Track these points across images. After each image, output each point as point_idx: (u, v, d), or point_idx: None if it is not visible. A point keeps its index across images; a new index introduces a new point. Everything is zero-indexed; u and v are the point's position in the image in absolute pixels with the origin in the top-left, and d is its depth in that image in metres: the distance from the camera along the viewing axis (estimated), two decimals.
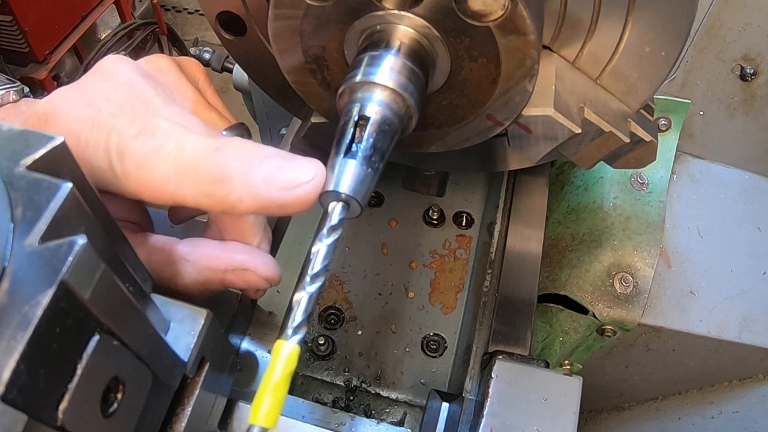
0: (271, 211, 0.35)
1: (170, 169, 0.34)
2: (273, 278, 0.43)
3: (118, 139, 0.35)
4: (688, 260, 0.82)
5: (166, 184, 0.34)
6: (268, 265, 0.43)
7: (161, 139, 0.35)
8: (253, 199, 0.34)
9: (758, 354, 0.82)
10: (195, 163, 0.34)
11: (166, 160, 0.34)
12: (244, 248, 0.43)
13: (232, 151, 0.35)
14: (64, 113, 0.37)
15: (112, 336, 0.26)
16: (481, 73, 0.45)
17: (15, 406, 0.20)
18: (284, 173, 0.34)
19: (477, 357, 0.58)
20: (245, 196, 0.34)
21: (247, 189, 0.34)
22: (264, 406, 0.31)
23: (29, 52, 2.03)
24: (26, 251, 0.22)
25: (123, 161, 0.34)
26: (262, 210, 0.35)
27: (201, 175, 0.34)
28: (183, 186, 0.34)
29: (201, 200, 0.34)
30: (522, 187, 0.72)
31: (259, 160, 0.35)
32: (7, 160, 0.25)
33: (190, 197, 0.34)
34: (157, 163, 0.34)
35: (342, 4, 0.42)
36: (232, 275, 0.42)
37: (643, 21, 0.45)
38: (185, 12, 3.18)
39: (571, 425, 0.46)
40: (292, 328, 0.34)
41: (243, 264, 0.42)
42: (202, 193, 0.34)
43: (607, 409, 1.06)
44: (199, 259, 0.42)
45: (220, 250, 0.42)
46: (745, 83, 0.88)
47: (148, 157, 0.34)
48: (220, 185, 0.34)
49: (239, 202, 0.34)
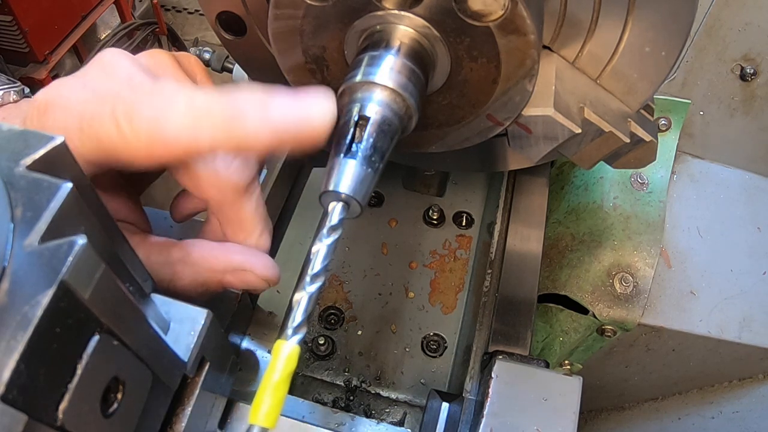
0: (287, 142, 0.35)
1: (183, 118, 0.34)
2: (271, 278, 0.43)
3: (124, 104, 0.34)
4: (688, 260, 0.82)
5: (181, 133, 0.34)
6: (266, 266, 0.43)
7: (170, 96, 0.34)
8: (269, 129, 0.34)
9: (758, 354, 0.82)
10: (208, 107, 0.34)
11: (178, 110, 0.34)
12: (242, 249, 0.43)
13: (244, 91, 0.35)
14: (65, 98, 0.37)
15: (112, 336, 0.26)
16: (481, 73, 0.45)
17: (15, 406, 0.20)
18: (298, 101, 0.35)
19: (477, 357, 0.58)
20: (261, 128, 0.34)
21: (262, 120, 0.34)
22: (264, 406, 0.31)
23: (29, 52, 2.03)
24: (26, 251, 0.22)
25: (132, 122, 0.34)
26: (279, 142, 0.35)
27: (215, 115, 0.34)
28: (198, 131, 0.34)
29: (218, 139, 0.34)
30: (522, 187, 0.72)
31: (271, 94, 0.35)
32: (7, 160, 0.25)
33: (205, 141, 0.34)
34: (169, 116, 0.34)
35: (342, 4, 0.42)
36: (231, 276, 0.42)
37: (643, 21, 0.45)
38: (185, 12, 3.18)
39: (571, 425, 0.46)
40: (292, 328, 0.34)
41: (241, 265, 0.42)
42: (218, 132, 0.34)
43: (607, 409, 1.06)
44: (197, 261, 0.42)
45: (219, 252, 0.42)
46: (745, 83, 0.88)
47: (159, 113, 0.34)
48: (235, 121, 0.34)
49: (256, 133, 0.34)
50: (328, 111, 0.35)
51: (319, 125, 0.35)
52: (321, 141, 0.36)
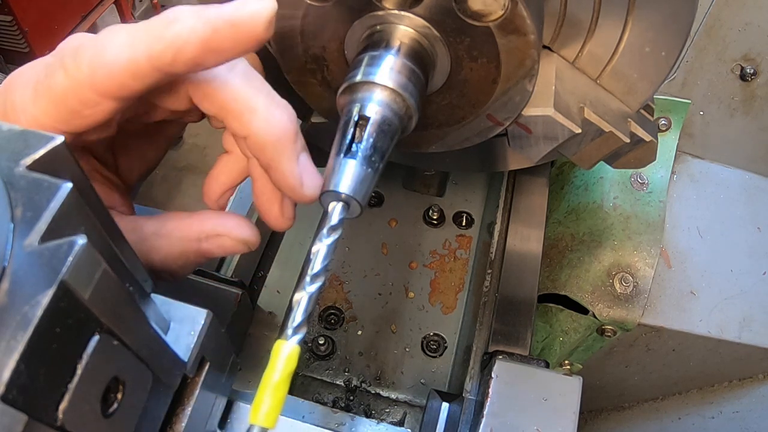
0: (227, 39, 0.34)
1: (123, 41, 0.34)
2: (249, 239, 0.42)
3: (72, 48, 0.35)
4: (688, 260, 0.82)
5: (119, 54, 0.34)
6: (241, 227, 0.42)
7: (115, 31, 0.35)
8: (204, 23, 0.33)
9: (758, 354, 0.82)
10: (146, 25, 0.34)
11: (119, 36, 0.34)
12: (214, 214, 0.42)
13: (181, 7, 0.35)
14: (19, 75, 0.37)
15: (112, 336, 0.26)
16: (481, 73, 0.45)
17: (15, 406, 0.20)
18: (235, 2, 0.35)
19: (477, 357, 0.58)
20: (197, 24, 0.33)
21: (197, 16, 0.33)
22: (264, 406, 0.31)
23: (29, 52, 2.03)
24: (26, 251, 0.22)
25: (77, 58, 0.34)
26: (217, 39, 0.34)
27: (151, 27, 0.34)
28: (135, 48, 0.34)
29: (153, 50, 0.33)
30: (522, 187, 0.72)
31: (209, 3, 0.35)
32: (7, 160, 0.25)
33: (143, 55, 0.34)
34: (109, 43, 0.34)
35: (342, 4, 0.42)
36: (207, 243, 0.41)
37: (643, 21, 0.45)
38: None
39: (571, 425, 0.46)
40: (292, 328, 0.34)
41: (214, 230, 0.41)
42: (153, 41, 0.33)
43: (607, 409, 1.06)
44: (170, 232, 0.41)
45: (191, 220, 0.41)
46: (745, 83, 0.88)
47: (101, 45, 0.34)
48: (170, 25, 0.33)
49: (191, 32, 0.33)
50: (267, 1, 0.34)
51: (259, 10, 0.34)
52: (262, 34, 0.35)
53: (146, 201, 0.54)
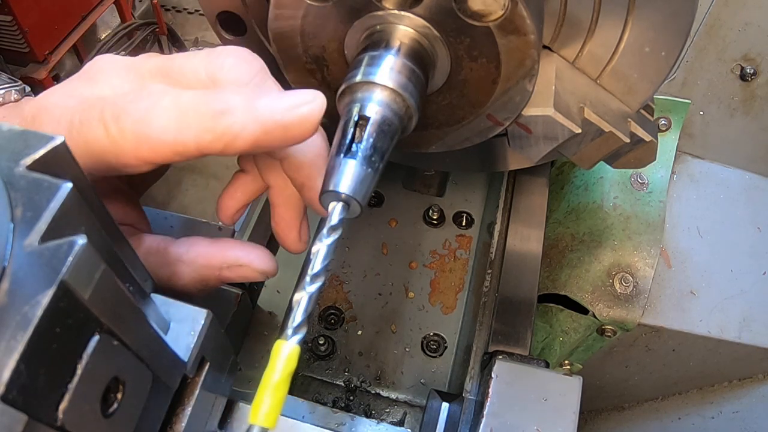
0: (276, 136, 0.34)
1: (170, 116, 0.33)
2: (268, 271, 0.43)
3: (112, 107, 0.34)
4: (688, 260, 0.82)
5: (166, 132, 0.33)
6: (262, 259, 0.43)
7: (157, 96, 0.34)
8: (256, 123, 0.33)
9: (758, 354, 0.82)
10: (195, 104, 0.33)
11: (165, 109, 0.33)
12: (238, 244, 0.43)
13: (232, 90, 0.34)
14: (52, 105, 0.36)
15: (112, 336, 0.26)
16: (481, 73, 0.45)
17: (15, 406, 0.20)
18: (286, 97, 0.35)
19: (477, 357, 0.58)
20: (248, 123, 0.33)
21: (249, 115, 0.33)
22: (264, 406, 0.31)
23: (29, 52, 2.03)
24: (26, 251, 0.22)
25: (119, 122, 0.34)
26: (267, 135, 0.34)
27: (201, 113, 0.33)
28: (183, 130, 0.33)
29: (203, 139, 0.33)
30: (522, 187, 0.72)
31: (260, 90, 0.35)
32: (7, 160, 0.25)
33: (191, 140, 0.33)
34: (155, 115, 0.33)
35: (342, 4, 0.42)
36: (228, 271, 0.42)
37: (643, 21, 0.45)
38: (185, 12, 3.18)
39: (571, 425, 0.46)
40: (292, 328, 0.33)
41: (237, 260, 0.42)
42: (203, 130, 0.33)
43: (607, 409, 1.06)
44: (194, 259, 0.42)
45: (215, 249, 0.42)
46: (745, 83, 0.88)
47: (145, 113, 0.33)
48: (221, 117, 0.33)
49: (242, 129, 0.33)
50: (316, 102, 0.35)
51: (308, 114, 0.34)
52: (310, 134, 0.35)
53: (146, 201, 0.55)
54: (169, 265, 0.41)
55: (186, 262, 0.42)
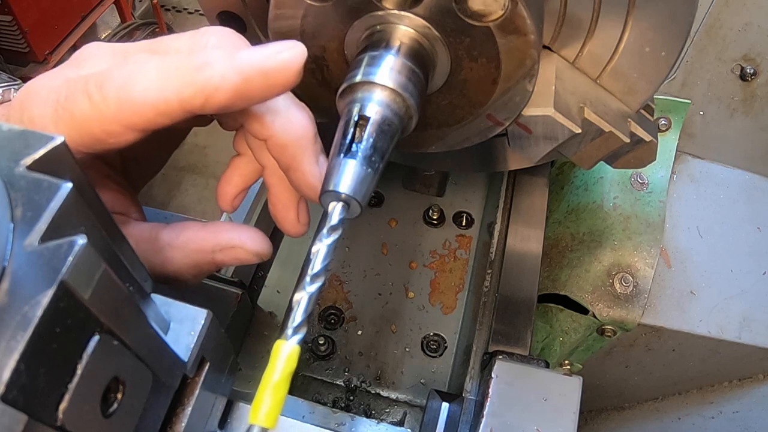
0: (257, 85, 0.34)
1: (151, 77, 0.33)
2: (262, 252, 0.43)
3: (96, 77, 0.34)
4: (688, 260, 0.82)
5: (148, 91, 0.33)
6: (254, 239, 0.42)
7: (141, 63, 0.34)
8: (235, 72, 0.33)
9: (758, 354, 0.82)
10: (176, 62, 0.34)
11: (147, 71, 0.34)
12: (229, 225, 0.42)
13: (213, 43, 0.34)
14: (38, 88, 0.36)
15: (112, 336, 0.26)
16: (481, 73, 0.45)
17: (15, 406, 0.20)
18: (266, 47, 0.34)
19: (477, 357, 0.58)
20: (228, 72, 0.33)
21: (229, 64, 0.33)
22: (264, 406, 0.31)
23: (29, 52, 2.04)
24: (26, 251, 0.22)
25: (102, 89, 0.34)
26: (247, 85, 0.34)
27: (182, 68, 0.33)
28: (165, 88, 0.33)
29: (184, 93, 0.33)
30: (522, 187, 0.72)
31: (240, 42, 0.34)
32: (7, 160, 0.25)
33: (173, 96, 0.33)
34: (137, 79, 0.33)
35: (342, 4, 0.42)
36: (221, 255, 0.42)
37: (643, 21, 0.45)
38: (185, 12, 3.18)
39: (571, 425, 0.46)
40: (292, 328, 0.34)
41: (230, 242, 0.41)
42: (184, 84, 0.33)
43: (607, 409, 1.06)
44: (185, 244, 0.41)
45: (205, 232, 0.42)
46: (745, 83, 0.88)
47: (128, 77, 0.34)
48: (202, 70, 0.33)
49: (222, 80, 0.33)
50: (297, 49, 0.34)
51: (289, 60, 0.34)
52: (291, 82, 0.35)
53: (146, 201, 0.55)
54: (160, 251, 0.41)
55: (177, 247, 0.41)
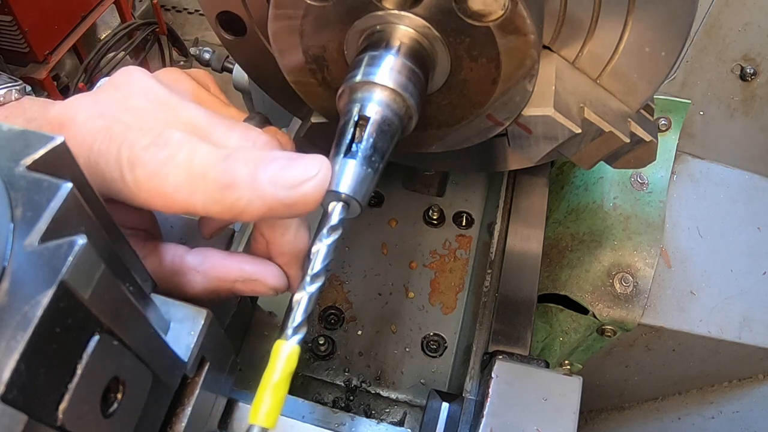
0: (280, 213, 0.36)
1: (181, 179, 0.35)
2: (280, 288, 0.44)
3: (130, 150, 0.36)
4: (688, 260, 0.82)
5: (177, 194, 0.35)
6: (275, 276, 0.44)
7: (173, 149, 0.35)
8: (261, 201, 0.35)
9: (758, 354, 0.82)
10: (204, 172, 0.35)
11: (177, 170, 0.35)
12: (253, 259, 0.44)
13: (239, 158, 0.35)
14: (79, 123, 0.38)
15: (112, 336, 0.26)
16: (481, 73, 0.45)
17: (15, 406, 0.20)
18: (289, 172, 0.35)
19: (477, 357, 0.58)
20: (254, 200, 0.35)
21: (254, 192, 0.35)
22: (264, 406, 0.31)
23: (29, 52, 2.03)
24: (26, 251, 0.22)
25: (134, 171, 0.35)
26: (272, 212, 0.35)
27: (210, 183, 0.35)
28: (193, 195, 0.35)
29: (211, 207, 0.35)
30: (522, 187, 0.72)
31: (265, 163, 0.35)
32: (7, 160, 0.25)
33: (200, 205, 0.35)
34: (168, 174, 0.35)
35: (342, 4, 0.42)
36: (242, 285, 0.43)
37: (643, 21, 0.45)
38: (185, 12, 3.18)
39: (571, 425, 0.46)
40: (292, 328, 0.34)
41: (253, 275, 0.43)
42: (211, 201, 0.35)
43: (607, 409, 1.06)
44: (209, 270, 0.42)
45: (230, 262, 0.43)
46: (745, 83, 0.88)
47: (159, 168, 0.35)
48: (228, 191, 0.35)
49: (248, 205, 0.35)
50: (320, 178, 0.36)
51: (311, 193, 0.35)
52: (313, 207, 0.36)
53: None
54: (182, 274, 0.42)
55: (201, 272, 0.42)
